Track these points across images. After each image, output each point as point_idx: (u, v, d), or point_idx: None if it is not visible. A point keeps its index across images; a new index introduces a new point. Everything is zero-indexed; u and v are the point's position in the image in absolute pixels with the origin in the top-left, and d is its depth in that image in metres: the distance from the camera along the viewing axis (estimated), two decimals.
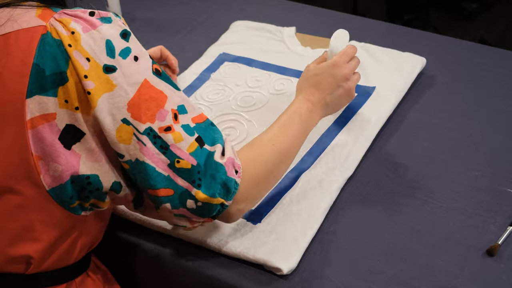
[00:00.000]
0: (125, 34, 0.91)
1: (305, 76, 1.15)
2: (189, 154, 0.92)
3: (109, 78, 0.88)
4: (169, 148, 0.91)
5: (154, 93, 0.90)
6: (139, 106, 0.89)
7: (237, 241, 1.05)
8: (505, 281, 0.98)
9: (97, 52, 0.87)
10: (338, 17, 1.67)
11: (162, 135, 0.90)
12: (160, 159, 0.91)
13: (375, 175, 1.17)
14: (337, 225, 1.09)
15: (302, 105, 1.10)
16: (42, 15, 0.88)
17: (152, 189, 0.92)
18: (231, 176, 0.94)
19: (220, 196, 0.94)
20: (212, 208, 0.95)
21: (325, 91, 1.12)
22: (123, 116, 0.89)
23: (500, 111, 1.29)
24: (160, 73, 0.93)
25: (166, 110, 0.91)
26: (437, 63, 1.42)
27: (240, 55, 1.48)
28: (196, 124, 0.94)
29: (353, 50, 1.17)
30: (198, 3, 1.75)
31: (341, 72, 1.13)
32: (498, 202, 1.10)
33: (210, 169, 0.93)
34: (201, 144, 0.93)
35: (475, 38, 2.59)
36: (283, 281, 1.01)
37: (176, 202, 0.93)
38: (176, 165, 0.91)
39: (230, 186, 0.94)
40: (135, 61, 0.90)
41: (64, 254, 0.98)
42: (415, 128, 1.27)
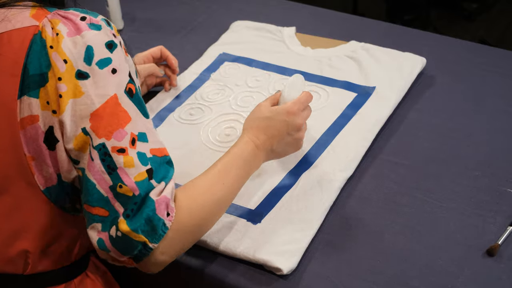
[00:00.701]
0: (111, 44, 0.88)
1: (256, 116, 1.08)
2: (135, 183, 0.87)
3: (79, 84, 0.86)
4: (117, 170, 0.87)
5: (119, 110, 0.88)
6: (101, 119, 0.87)
7: (237, 241, 1.05)
8: (505, 281, 0.98)
9: (75, 56, 0.86)
10: (338, 17, 1.67)
11: (114, 156, 0.87)
12: (104, 178, 0.87)
13: (375, 175, 1.17)
14: (337, 225, 1.09)
15: (247, 148, 1.04)
16: (36, 15, 0.88)
17: (87, 205, 0.89)
18: (160, 215, 0.88)
19: (144, 234, 0.87)
20: (132, 245, 0.88)
21: (274, 137, 1.07)
22: (84, 125, 0.87)
23: (500, 111, 1.29)
24: (132, 95, 0.90)
25: (126, 131, 0.88)
26: (437, 63, 1.42)
27: (240, 55, 1.48)
28: (153, 156, 0.90)
29: (309, 98, 1.10)
30: (198, 3, 1.75)
31: (294, 121, 1.07)
32: (498, 202, 1.10)
33: (142, 203, 0.88)
34: (150, 176, 0.89)
35: (475, 38, 2.59)
36: (283, 281, 1.01)
37: (107, 225, 0.88)
38: (118, 189, 0.87)
39: (157, 226, 0.88)
40: (112, 73, 0.88)
41: (62, 254, 0.98)
42: (415, 128, 1.27)
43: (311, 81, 1.38)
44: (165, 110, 1.36)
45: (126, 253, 0.89)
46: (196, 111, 1.34)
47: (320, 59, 1.44)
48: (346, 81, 1.36)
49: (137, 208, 0.87)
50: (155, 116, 1.34)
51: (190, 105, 1.36)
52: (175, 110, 1.35)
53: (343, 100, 1.31)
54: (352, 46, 1.46)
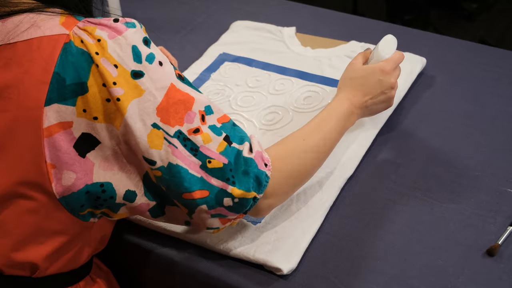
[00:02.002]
0: (147, 40, 0.91)
1: (351, 75, 1.15)
2: (219, 154, 0.92)
3: (138, 83, 0.88)
4: (199, 149, 0.91)
5: (181, 96, 0.91)
6: (168, 110, 0.89)
7: (237, 241, 1.05)
8: (505, 281, 0.98)
9: (124, 58, 0.87)
10: (338, 17, 1.67)
11: (192, 137, 0.91)
12: (192, 161, 0.91)
13: (375, 175, 1.17)
14: (337, 225, 1.09)
15: (343, 105, 1.10)
16: (65, 23, 0.87)
17: (187, 192, 0.91)
18: (262, 169, 0.95)
19: (254, 190, 0.95)
20: (247, 202, 0.95)
21: (368, 95, 1.13)
22: (153, 121, 0.88)
23: (500, 111, 1.29)
24: (183, 78, 0.93)
25: (194, 112, 0.91)
26: (437, 63, 1.42)
27: (240, 55, 1.48)
28: (222, 124, 0.95)
29: (401, 58, 1.16)
30: (198, 3, 1.75)
31: (389, 80, 1.13)
32: (498, 202, 1.10)
33: (241, 165, 0.94)
34: (229, 142, 0.94)
35: (475, 38, 2.59)
36: (283, 281, 1.01)
37: (213, 203, 0.93)
38: (208, 165, 0.91)
39: (261, 179, 0.95)
40: (160, 65, 0.90)
41: (71, 259, 0.98)
42: (415, 128, 1.27)
43: (311, 81, 1.38)
44: None
45: (240, 211, 0.96)
46: None
47: (320, 59, 1.44)
48: None
49: (242, 171, 0.94)
50: None
51: None
52: None
53: None
54: (352, 46, 1.46)
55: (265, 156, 0.97)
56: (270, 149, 1.01)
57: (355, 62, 1.17)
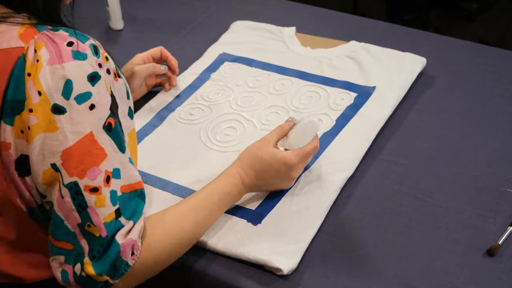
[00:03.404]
0: (94, 77, 0.85)
1: (254, 152, 1.07)
2: (103, 223, 0.86)
3: (54, 118, 0.83)
4: (87, 209, 0.86)
5: (94, 148, 0.85)
6: (73, 157, 0.84)
7: (237, 241, 1.05)
8: (505, 281, 0.98)
9: (52, 88, 0.83)
10: (338, 17, 1.67)
11: (86, 195, 0.85)
12: (73, 216, 0.86)
13: (375, 175, 1.17)
14: (337, 225, 1.09)
15: (232, 183, 1.05)
16: (24, 34, 0.85)
17: (52, 238, 0.88)
18: (124, 257, 0.88)
19: (107, 275, 0.88)
20: (95, 285, 0.88)
21: (263, 180, 1.07)
22: (54, 161, 0.84)
23: (500, 111, 1.29)
24: (111, 129, 0.87)
25: (100, 169, 0.86)
26: (437, 63, 1.42)
27: (240, 55, 1.48)
28: (122, 194, 0.88)
29: (313, 151, 1.10)
30: (198, 3, 1.75)
31: (289, 173, 1.08)
32: (498, 202, 1.10)
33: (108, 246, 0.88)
34: (118, 216, 0.88)
35: (475, 38, 2.59)
36: (283, 281, 1.01)
37: (71, 259, 0.88)
38: (86, 228, 0.86)
39: (119, 267, 0.88)
40: (90, 109, 0.85)
41: None
42: (415, 128, 1.27)
43: (311, 81, 1.38)
44: (165, 110, 1.36)
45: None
46: (196, 111, 1.34)
47: (320, 59, 1.44)
48: (346, 81, 1.36)
49: (103, 250, 0.87)
50: (155, 116, 1.34)
51: (190, 105, 1.36)
52: (175, 110, 1.35)
53: (343, 100, 1.31)
54: (352, 46, 1.46)
55: (137, 245, 0.89)
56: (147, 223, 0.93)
57: (269, 139, 1.09)
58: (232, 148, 1.23)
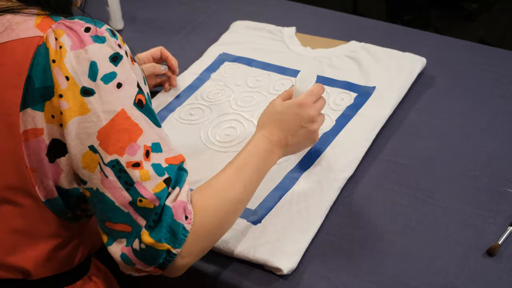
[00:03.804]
0: (116, 57, 0.86)
1: (269, 112, 1.07)
2: (153, 194, 0.86)
3: (85, 101, 0.84)
4: (134, 185, 0.86)
5: (129, 125, 0.86)
6: (109, 136, 0.85)
7: (237, 241, 1.05)
8: (505, 281, 0.98)
9: (78, 72, 0.84)
10: (338, 17, 1.67)
11: (129, 171, 0.85)
12: (122, 195, 0.86)
13: (375, 175, 1.17)
14: (337, 225, 1.09)
15: (261, 145, 1.03)
16: (41, 24, 0.86)
17: (109, 222, 0.88)
18: (179, 220, 0.87)
19: (166, 242, 0.87)
20: (158, 254, 0.87)
21: (288, 131, 1.05)
22: (91, 143, 0.85)
23: (500, 111, 1.29)
24: (142, 105, 0.88)
25: (138, 145, 0.86)
26: (437, 63, 1.42)
27: (240, 55, 1.48)
28: (169, 165, 0.88)
29: (321, 90, 1.08)
30: (198, 3, 1.75)
31: (307, 113, 1.05)
32: (498, 202, 1.10)
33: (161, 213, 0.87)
34: (168, 185, 0.88)
35: (475, 38, 2.59)
36: (283, 281, 1.01)
37: (132, 240, 0.88)
38: (138, 203, 0.86)
39: (177, 232, 0.87)
40: (118, 88, 0.86)
41: (65, 260, 0.97)
42: (415, 128, 1.27)
43: None
44: (165, 110, 1.36)
45: (152, 263, 0.88)
46: (196, 111, 1.34)
47: (320, 59, 1.44)
48: (346, 81, 1.36)
49: (158, 218, 0.86)
50: None
51: (190, 105, 1.36)
52: (175, 110, 1.35)
53: (343, 100, 1.31)
54: (352, 46, 1.46)
55: (188, 208, 0.89)
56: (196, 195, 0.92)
57: (275, 100, 1.09)
58: (232, 148, 1.23)
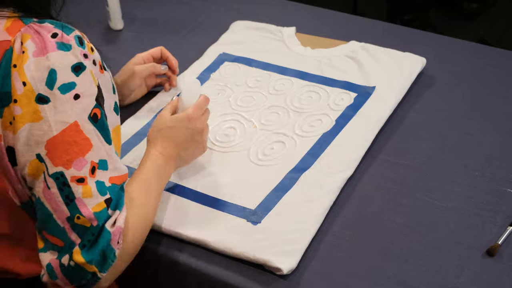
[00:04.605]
0: (78, 67, 0.86)
1: (158, 128, 1.08)
2: (93, 213, 0.86)
3: (39, 108, 0.84)
4: (75, 201, 0.85)
5: (79, 138, 0.85)
6: (58, 147, 0.84)
7: (237, 241, 1.05)
8: (505, 281, 0.98)
9: (36, 79, 0.83)
10: (338, 17, 1.67)
11: (72, 185, 0.85)
12: (61, 209, 0.85)
13: (375, 175, 1.17)
14: (337, 225, 1.09)
15: (157, 161, 1.04)
16: (10, 28, 0.85)
17: (46, 232, 0.88)
18: (113, 246, 0.87)
19: (95, 265, 0.86)
20: (83, 275, 0.87)
21: (179, 144, 1.07)
22: (39, 151, 0.84)
23: (500, 111, 1.29)
24: (96, 120, 0.87)
25: (86, 160, 0.86)
26: (437, 63, 1.42)
27: (240, 55, 1.48)
28: (112, 185, 0.88)
29: (206, 102, 1.11)
30: (198, 3, 1.75)
31: (195, 126, 1.08)
32: (498, 202, 1.10)
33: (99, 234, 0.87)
34: (108, 205, 0.87)
35: (475, 38, 2.59)
36: (283, 281, 1.01)
37: (62, 255, 0.87)
38: (76, 220, 0.85)
39: (108, 257, 0.87)
40: (75, 99, 0.85)
41: None
42: (415, 128, 1.27)
43: (311, 81, 1.38)
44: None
45: (74, 282, 0.88)
46: None
47: (320, 59, 1.44)
48: (346, 81, 1.36)
49: (94, 239, 0.86)
50: (155, 116, 1.34)
51: None
52: None
53: (343, 100, 1.31)
54: (352, 46, 1.46)
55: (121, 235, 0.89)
56: None
57: (163, 114, 1.09)
58: (232, 148, 1.23)
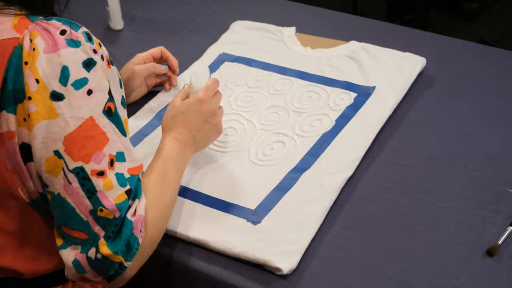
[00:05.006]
0: (89, 63, 0.86)
1: (171, 114, 1.09)
2: (115, 205, 0.87)
3: (54, 105, 0.84)
4: (96, 194, 0.86)
5: (96, 133, 0.86)
6: (76, 142, 0.85)
7: (237, 241, 1.05)
8: (505, 281, 0.98)
9: (49, 76, 0.84)
10: (338, 17, 1.67)
11: (93, 179, 0.86)
12: (83, 203, 0.86)
13: (375, 175, 1.17)
14: (337, 225, 1.09)
15: (173, 147, 1.05)
16: (18, 25, 0.85)
17: (67, 228, 0.88)
18: (137, 234, 0.89)
19: (121, 255, 0.88)
20: (111, 266, 0.88)
21: (193, 128, 1.08)
22: (57, 148, 0.85)
23: (500, 111, 1.29)
24: (111, 114, 0.88)
25: (104, 153, 0.86)
26: (437, 63, 1.42)
27: (240, 55, 1.48)
28: (131, 176, 0.89)
29: (216, 84, 1.12)
30: (198, 3, 1.75)
31: (208, 108, 1.09)
32: (498, 202, 1.10)
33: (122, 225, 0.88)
34: (129, 196, 0.88)
35: (475, 38, 2.59)
36: (283, 281, 1.01)
37: (87, 248, 0.88)
38: (99, 213, 0.86)
39: (132, 246, 0.89)
40: (88, 94, 0.86)
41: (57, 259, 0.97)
42: (415, 128, 1.27)
43: (311, 81, 1.38)
44: (165, 110, 1.35)
45: (103, 274, 0.89)
46: None
47: (320, 59, 1.44)
48: (346, 81, 1.36)
49: (118, 230, 0.87)
50: (155, 116, 1.34)
51: None
52: None
53: (343, 100, 1.31)
54: (352, 46, 1.46)
55: (143, 222, 0.90)
56: None
57: (175, 100, 1.11)
58: (232, 148, 1.23)
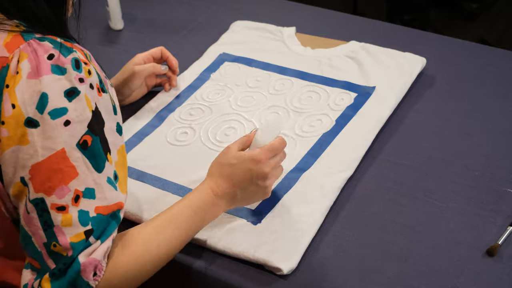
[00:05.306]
0: (72, 92, 0.83)
1: (221, 161, 1.03)
2: (70, 243, 0.83)
3: (27, 132, 0.82)
4: (53, 228, 0.83)
5: (65, 166, 0.83)
6: (41, 173, 0.82)
7: (237, 241, 1.05)
8: (505, 281, 0.98)
9: (26, 102, 0.82)
10: (338, 17, 1.67)
11: (52, 213, 0.83)
12: (39, 234, 0.84)
13: (375, 175, 1.17)
14: (337, 225, 1.09)
15: (202, 196, 1.00)
16: (10, 43, 0.84)
17: (26, 253, 0.87)
18: (85, 277, 0.84)
19: None
20: None
21: (236, 185, 1.01)
22: (23, 175, 0.83)
23: (500, 111, 1.29)
24: (86, 147, 0.84)
25: (69, 188, 0.83)
26: (437, 63, 1.42)
27: (240, 55, 1.48)
28: (97, 215, 0.85)
29: (281, 146, 1.03)
30: (198, 3, 1.75)
31: (260, 170, 1.01)
32: (498, 202, 1.10)
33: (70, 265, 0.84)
34: (88, 237, 0.84)
35: (475, 38, 2.59)
36: (283, 281, 1.01)
37: (40, 277, 0.85)
38: (52, 247, 0.83)
39: (79, 287, 0.84)
40: (65, 125, 0.83)
41: None
42: (415, 128, 1.27)
43: (311, 81, 1.38)
44: (165, 110, 1.36)
45: None
46: (196, 111, 1.34)
47: (320, 59, 1.44)
48: (346, 81, 1.36)
49: (65, 269, 0.84)
50: (155, 116, 1.34)
51: (190, 105, 1.36)
52: (175, 110, 1.35)
53: (343, 100, 1.31)
54: (352, 46, 1.46)
55: (100, 265, 0.85)
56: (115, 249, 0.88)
57: (231, 147, 1.04)
58: None
